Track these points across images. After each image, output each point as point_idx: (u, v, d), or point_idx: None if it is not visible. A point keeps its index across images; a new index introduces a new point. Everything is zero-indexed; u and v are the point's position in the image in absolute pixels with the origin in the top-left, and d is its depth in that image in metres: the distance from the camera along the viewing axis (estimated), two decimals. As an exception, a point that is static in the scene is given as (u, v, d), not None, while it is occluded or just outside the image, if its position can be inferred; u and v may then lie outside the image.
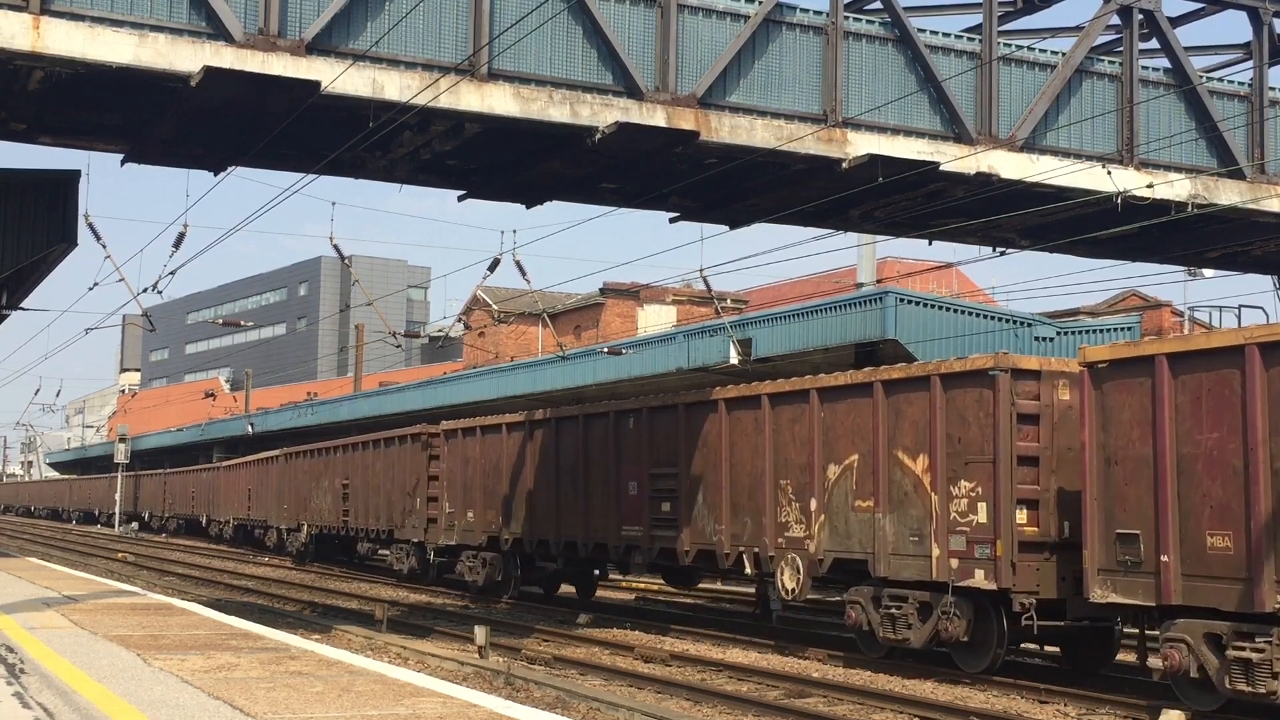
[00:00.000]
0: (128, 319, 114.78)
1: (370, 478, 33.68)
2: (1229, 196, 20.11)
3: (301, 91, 15.19)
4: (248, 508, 48.65)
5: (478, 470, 27.38)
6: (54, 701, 9.15)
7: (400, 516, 31.28)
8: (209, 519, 56.16)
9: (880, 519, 17.26)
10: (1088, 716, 14.08)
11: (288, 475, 42.25)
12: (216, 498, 55.17)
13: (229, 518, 52.44)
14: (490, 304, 59.35)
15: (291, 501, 41.48)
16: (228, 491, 52.78)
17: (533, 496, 25.27)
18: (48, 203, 19.35)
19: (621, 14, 16.95)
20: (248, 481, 48.94)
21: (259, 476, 47.02)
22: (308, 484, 39.65)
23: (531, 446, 25.49)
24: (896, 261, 58.26)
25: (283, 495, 42.68)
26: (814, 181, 18.82)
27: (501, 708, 9.36)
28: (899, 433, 17.11)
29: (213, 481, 56.22)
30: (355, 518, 34.88)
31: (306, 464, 40.11)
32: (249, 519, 48.94)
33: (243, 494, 49.53)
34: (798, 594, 18.46)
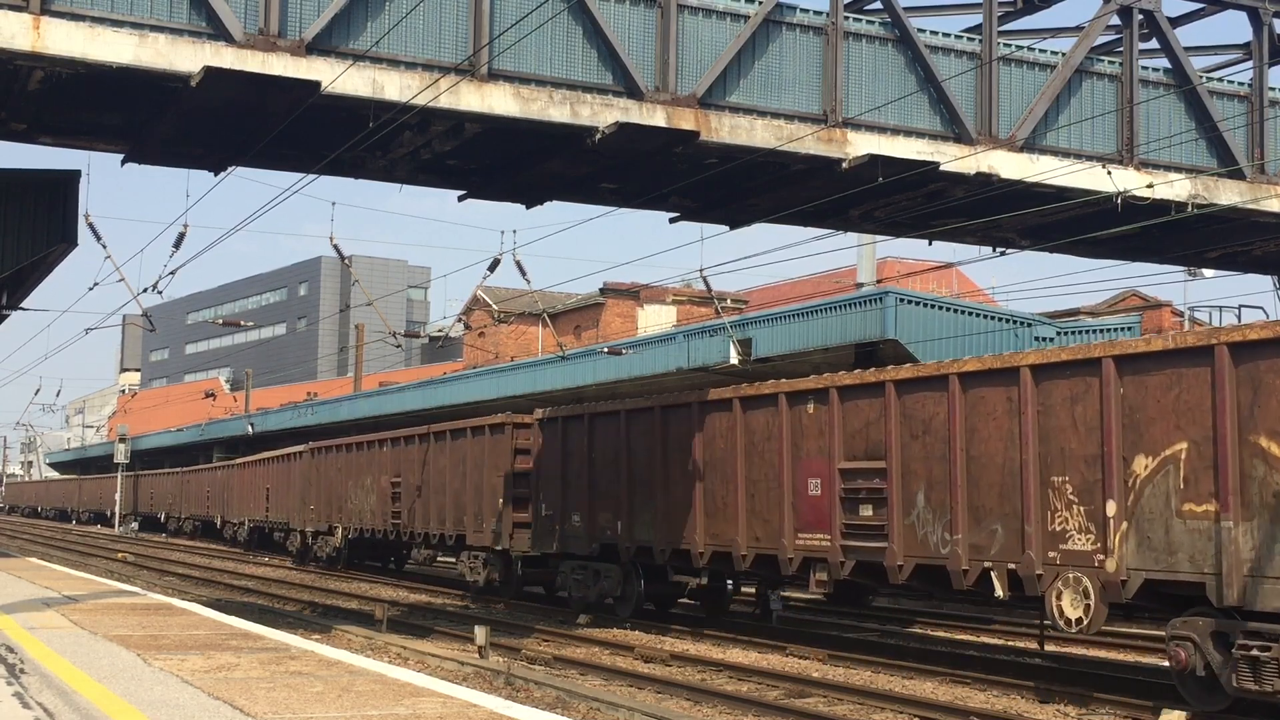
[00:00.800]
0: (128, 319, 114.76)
1: (431, 475, 29.73)
2: (1229, 196, 20.12)
3: (301, 91, 15.20)
4: (265, 509, 44.74)
5: (586, 466, 23.37)
6: (54, 701, 9.15)
7: (475, 519, 27.45)
8: (223, 520, 52.51)
9: (1229, 529, 13.19)
10: (1088, 716, 14.08)
11: (316, 473, 38.13)
12: (231, 498, 51.28)
13: (243, 519, 48.71)
14: (490, 304, 59.37)
15: (321, 502, 37.48)
16: (242, 491, 48.76)
17: (667, 497, 21.39)
18: (48, 203, 19.35)
19: (621, 14, 16.96)
20: (266, 480, 44.96)
21: (280, 475, 42.87)
22: (342, 482, 35.58)
23: (664, 437, 21.55)
24: (896, 261, 58.28)
25: (309, 495, 38.66)
26: (814, 181, 18.82)
27: (501, 708, 9.36)
28: (1262, 412, 13.11)
29: (228, 480, 52.06)
30: (409, 520, 30.93)
31: (341, 459, 35.90)
32: (266, 520, 44.94)
33: (259, 493, 45.68)
34: (1086, 626, 14.49)
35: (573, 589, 23.70)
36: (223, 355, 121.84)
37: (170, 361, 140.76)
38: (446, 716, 8.86)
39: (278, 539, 44.39)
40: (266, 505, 44.67)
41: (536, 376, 38.06)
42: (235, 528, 51.08)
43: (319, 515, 37.86)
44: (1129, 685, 15.31)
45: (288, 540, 41.95)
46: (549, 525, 24.17)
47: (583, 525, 23.36)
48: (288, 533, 42.12)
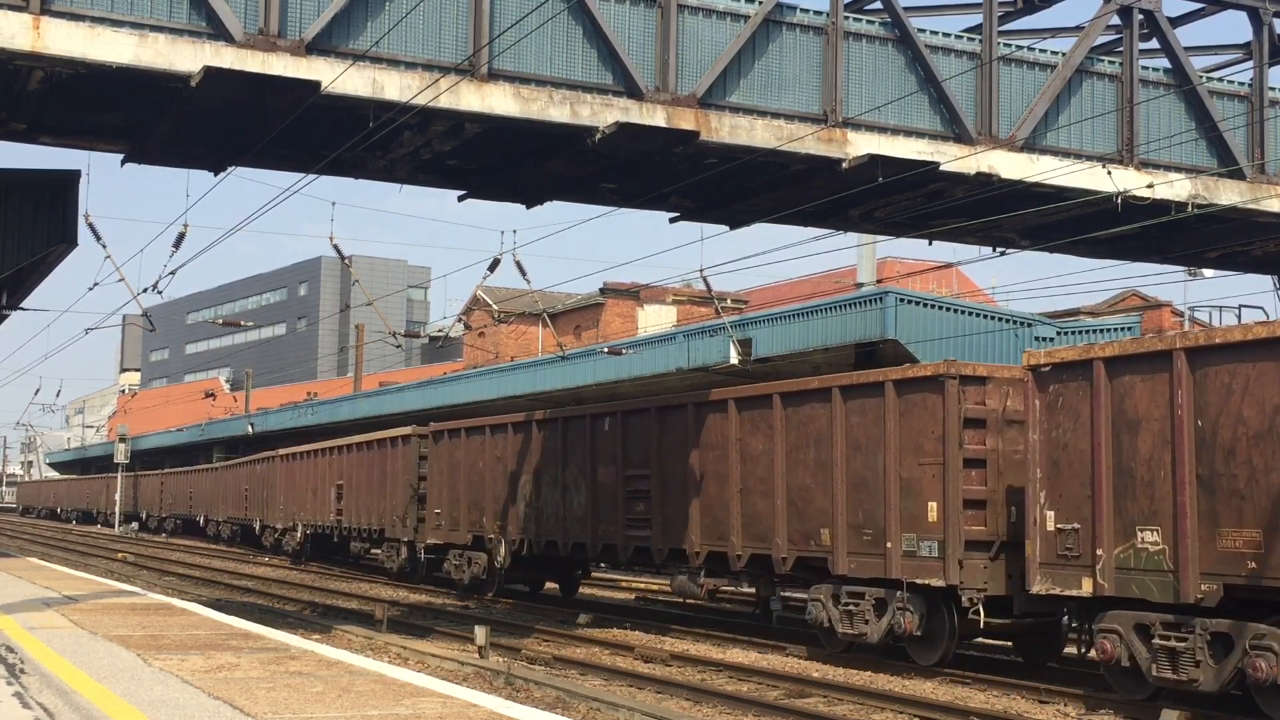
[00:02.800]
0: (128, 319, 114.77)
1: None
2: (1229, 196, 20.11)
3: (301, 91, 15.20)
4: (335, 511, 36.82)
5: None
6: (54, 701, 9.15)
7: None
8: (263, 525, 46.36)
9: None
10: (1088, 716, 14.09)
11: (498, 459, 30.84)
12: (280, 496, 43.86)
13: (294, 521, 41.76)
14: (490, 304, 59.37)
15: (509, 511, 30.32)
16: (299, 486, 41.22)
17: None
18: (48, 203, 19.36)
19: (621, 14, 16.95)
20: (336, 474, 37.09)
21: (367, 466, 34.75)
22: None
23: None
24: (896, 261, 58.30)
25: (445, 495, 30.05)
26: (814, 181, 18.82)
27: (501, 708, 9.36)
28: None
29: (268, 476, 45.66)
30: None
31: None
32: (336, 525, 37.02)
33: (322, 491, 38.56)
34: None
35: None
36: (223, 355, 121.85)
37: (170, 361, 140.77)
38: (446, 716, 8.86)
39: (358, 549, 37.45)
40: (338, 506, 36.20)
41: (536, 376, 38.07)
42: (279, 534, 43.54)
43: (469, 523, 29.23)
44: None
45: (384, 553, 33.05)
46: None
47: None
48: (381, 541, 33.64)
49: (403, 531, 31.17)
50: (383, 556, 33.07)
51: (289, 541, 42.48)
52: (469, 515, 27.64)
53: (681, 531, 21.18)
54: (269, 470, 45.80)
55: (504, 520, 26.17)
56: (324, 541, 40.01)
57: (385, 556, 32.74)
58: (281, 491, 43.29)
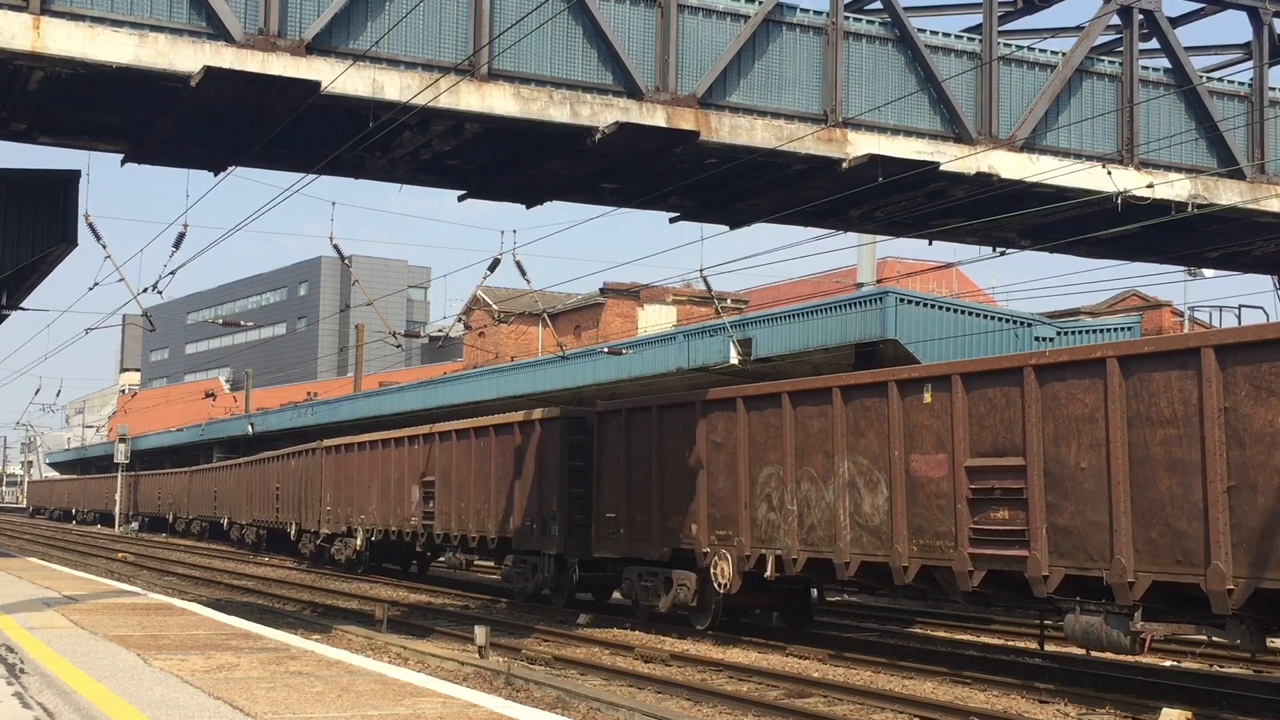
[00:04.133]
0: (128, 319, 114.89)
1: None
2: (1229, 196, 20.12)
3: (301, 91, 15.20)
4: (422, 512, 30.16)
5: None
6: (54, 701, 9.15)
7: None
8: (300, 529, 40.24)
9: None
10: (1088, 716, 14.08)
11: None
12: (316, 497, 38.04)
13: (349, 524, 34.97)
14: (490, 304, 59.41)
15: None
16: (360, 484, 34.37)
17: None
18: (48, 203, 19.37)
19: (621, 14, 16.96)
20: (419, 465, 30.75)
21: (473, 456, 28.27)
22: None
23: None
24: (896, 261, 58.32)
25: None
26: (814, 181, 18.83)
27: (501, 708, 9.36)
28: None
29: (308, 472, 39.12)
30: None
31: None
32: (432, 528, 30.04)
33: (396, 488, 32.00)
34: None
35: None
36: (223, 355, 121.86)
37: (170, 361, 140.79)
38: (446, 716, 8.86)
39: (456, 561, 32.52)
40: (425, 508, 29.87)
41: (536, 376, 38.06)
42: (322, 539, 37.39)
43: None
44: (1129, 685, 15.32)
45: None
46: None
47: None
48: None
49: (545, 542, 24.34)
50: (509, 573, 26.15)
51: (341, 550, 35.07)
52: (666, 521, 20.99)
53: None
54: (309, 466, 38.19)
55: (729, 528, 19.51)
56: (392, 550, 33.77)
57: (516, 573, 25.73)
58: (329, 490, 35.99)
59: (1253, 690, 15.19)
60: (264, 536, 46.87)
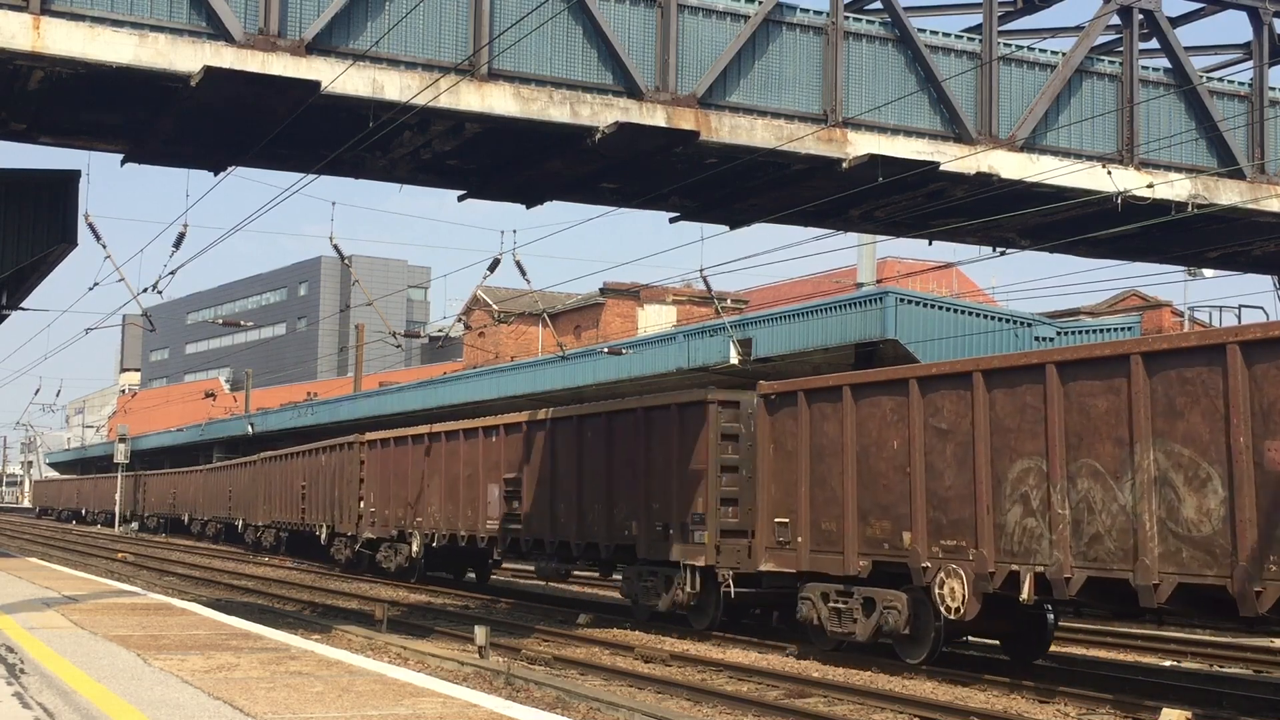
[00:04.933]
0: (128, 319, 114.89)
1: None
2: (1229, 196, 20.12)
3: (301, 91, 15.20)
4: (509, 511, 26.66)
5: None
6: (54, 701, 9.15)
7: None
8: (333, 532, 36.16)
9: None
10: (1088, 716, 14.08)
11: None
12: (349, 497, 34.25)
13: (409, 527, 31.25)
14: (490, 304, 59.42)
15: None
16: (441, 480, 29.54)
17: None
18: (48, 203, 19.37)
19: (621, 14, 16.96)
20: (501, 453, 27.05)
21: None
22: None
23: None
24: (896, 261, 58.35)
25: None
26: (814, 181, 18.83)
27: (501, 708, 9.36)
28: None
29: (343, 469, 34.87)
30: None
31: None
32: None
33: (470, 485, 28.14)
34: None
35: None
36: (223, 355, 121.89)
37: (170, 361, 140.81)
38: (446, 716, 8.86)
39: (550, 570, 25.46)
40: (505, 509, 26.00)
41: (536, 376, 38.09)
42: (360, 545, 33.64)
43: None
44: (1129, 685, 15.32)
45: None
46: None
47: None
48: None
49: (686, 551, 20.58)
50: (632, 588, 22.21)
51: (390, 556, 31.31)
52: (865, 529, 17.26)
53: None
54: (345, 461, 34.43)
55: (960, 537, 15.94)
56: (452, 556, 30.50)
57: (642, 588, 21.84)
58: (374, 488, 32.38)
59: (1253, 690, 15.19)
60: (284, 539, 43.41)
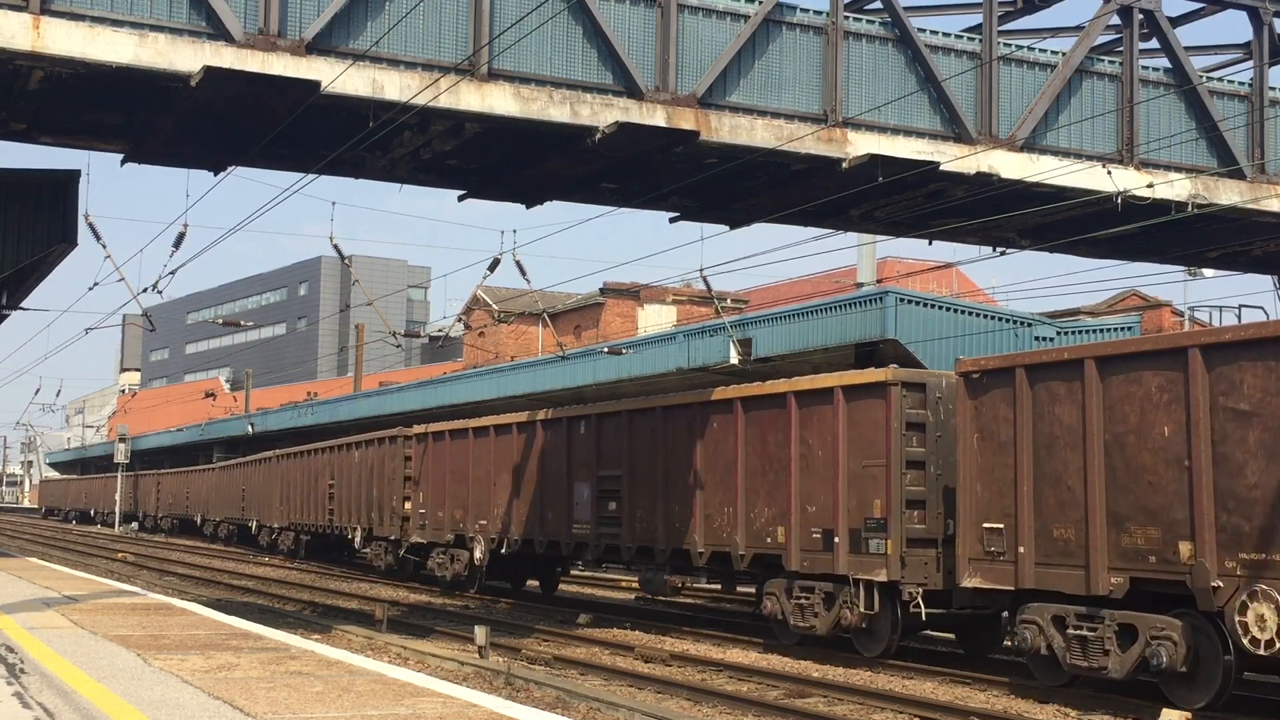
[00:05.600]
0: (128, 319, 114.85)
1: None
2: (1229, 196, 20.11)
3: (301, 91, 15.20)
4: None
5: None
6: (54, 701, 9.15)
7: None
8: (371, 534, 32.89)
9: None
10: (1087, 716, 14.08)
11: None
12: (387, 497, 31.46)
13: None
14: (490, 304, 59.38)
15: None
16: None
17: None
18: (48, 203, 19.37)
19: (621, 14, 16.96)
20: None
21: None
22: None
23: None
24: (896, 261, 58.32)
25: None
26: (814, 181, 18.83)
27: (501, 708, 9.36)
28: None
29: (383, 466, 31.78)
30: None
31: None
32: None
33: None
34: None
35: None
36: (223, 355, 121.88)
37: (170, 361, 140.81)
38: (446, 716, 8.86)
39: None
40: (605, 510, 22.77)
41: (536, 376, 38.05)
42: (398, 549, 30.84)
43: None
44: (1129, 685, 15.31)
45: None
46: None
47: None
48: None
49: (860, 564, 17.44)
50: (780, 605, 18.72)
51: (445, 564, 28.29)
52: (1118, 537, 14.27)
53: None
54: (385, 457, 31.42)
55: (1273, 549, 12.82)
56: (518, 563, 27.36)
57: (798, 606, 18.35)
58: (427, 487, 29.35)
59: (1253, 690, 15.18)
60: (304, 542, 40.61)
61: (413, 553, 30.31)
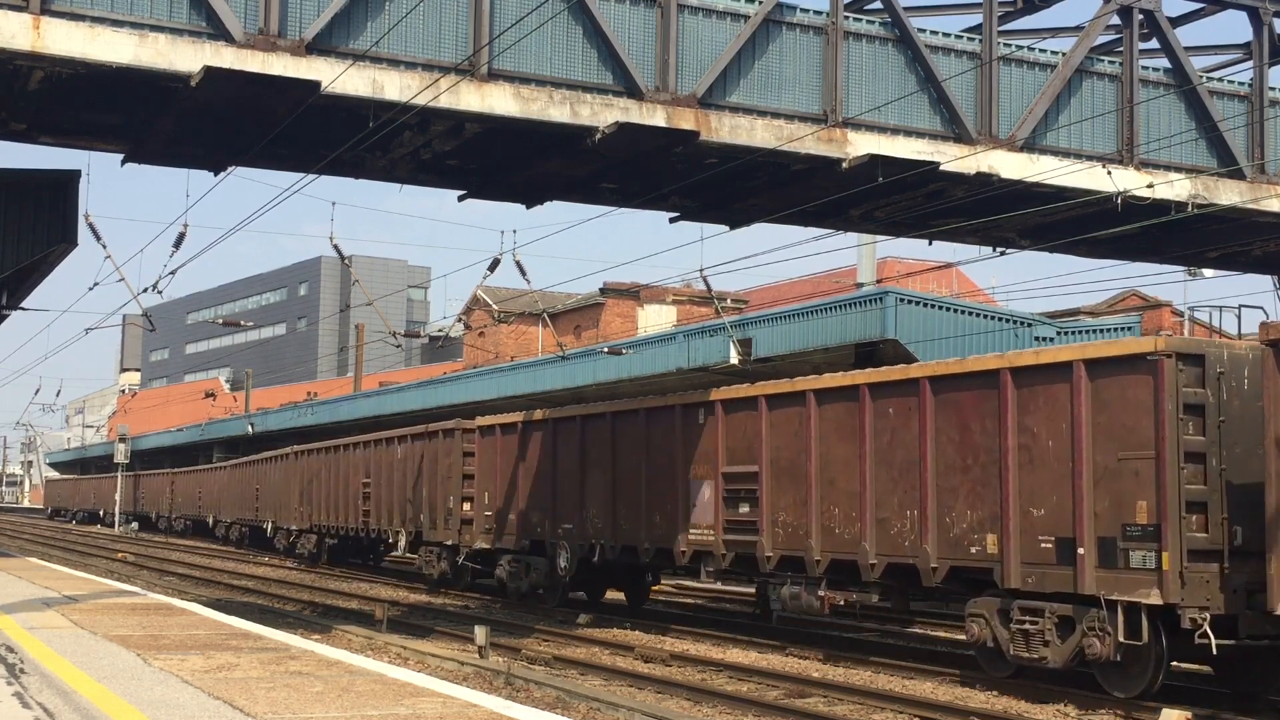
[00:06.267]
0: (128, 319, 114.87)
1: None
2: (1229, 196, 20.11)
3: (301, 91, 15.20)
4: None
5: None
6: (54, 701, 9.15)
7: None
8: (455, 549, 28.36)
9: None
10: (1087, 716, 14.08)
11: None
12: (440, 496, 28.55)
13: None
14: (490, 304, 59.39)
15: None
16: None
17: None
18: (48, 203, 19.38)
19: (621, 14, 16.96)
20: None
21: None
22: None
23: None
24: (896, 261, 58.30)
25: None
26: (814, 181, 18.83)
27: (501, 708, 9.36)
28: None
29: (439, 461, 28.74)
30: None
31: None
32: None
33: None
34: None
35: None
36: (223, 355, 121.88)
37: (170, 361, 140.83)
38: (446, 716, 8.86)
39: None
40: (735, 513, 19.83)
41: (536, 376, 38.04)
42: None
43: None
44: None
45: None
46: None
47: None
48: None
49: (1119, 581, 14.25)
50: (989, 632, 15.57)
51: (522, 574, 25.37)
52: None
53: None
54: (440, 452, 28.72)
55: None
56: (591, 573, 24.10)
57: (1022, 635, 15.12)
58: (491, 487, 26.59)
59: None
60: (327, 546, 37.86)
61: (474, 560, 27.32)
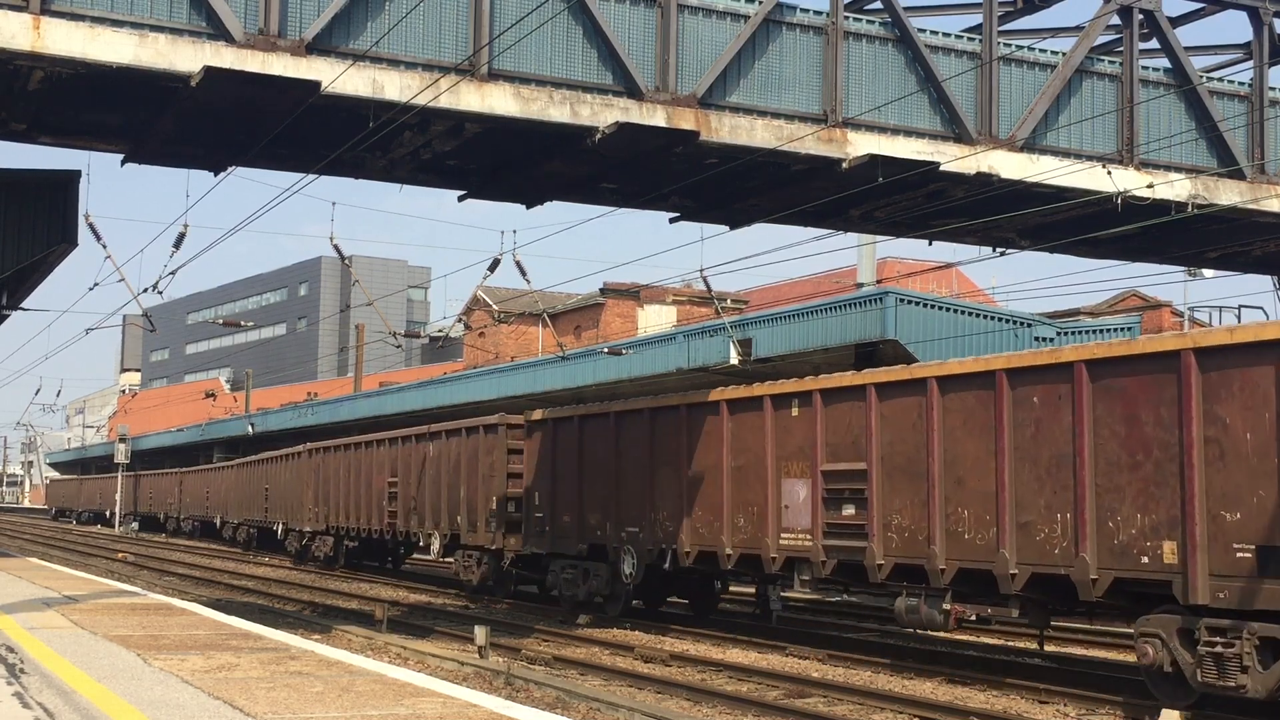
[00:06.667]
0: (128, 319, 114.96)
1: None
2: (1229, 196, 20.12)
3: (301, 92, 15.20)
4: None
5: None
6: (54, 701, 9.15)
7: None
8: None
9: None
10: (1088, 716, 14.08)
11: None
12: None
13: None
14: (490, 304, 59.42)
15: None
16: None
17: None
18: (48, 203, 19.38)
19: (621, 14, 16.96)
20: None
21: None
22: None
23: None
24: (896, 261, 58.32)
25: None
26: (814, 181, 18.83)
27: (501, 708, 9.36)
28: None
29: (475, 456, 26.78)
30: None
31: None
32: None
33: None
34: None
35: None
36: (223, 355, 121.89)
37: (170, 361, 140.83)
38: (446, 716, 8.86)
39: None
40: (837, 515, 17.79)
41: (536, 376, 38.07)
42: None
43: None
44: (1129, 685, 15.31)
45: None
46: None
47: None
48: None
49: None
50: (1169, 652, 13.36)
51: (577, 581, 23.13)
52: None
53: None
54: (478, 451, 26.65)
55: None
56: (656, 580, 22.32)
57: (1198, 662, 13.04)
58: (543, 487, 24.36)
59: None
60: (345, 549, 35.93)
61: (518, 565, 25.64)
